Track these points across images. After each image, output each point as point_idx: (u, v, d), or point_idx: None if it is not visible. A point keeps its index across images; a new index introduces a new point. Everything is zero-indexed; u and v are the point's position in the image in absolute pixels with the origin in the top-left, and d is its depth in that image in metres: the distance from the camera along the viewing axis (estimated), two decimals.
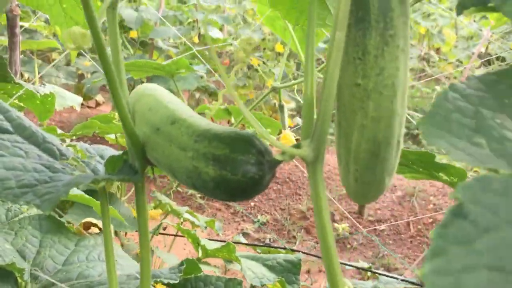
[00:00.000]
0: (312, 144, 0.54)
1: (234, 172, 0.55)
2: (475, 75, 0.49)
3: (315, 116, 0.57)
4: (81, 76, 5.69)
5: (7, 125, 0.73)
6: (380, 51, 0.53)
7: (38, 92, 1.21)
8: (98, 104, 6.17)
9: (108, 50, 0.63)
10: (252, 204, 4.69)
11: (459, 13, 0.51)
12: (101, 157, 0.80)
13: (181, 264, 0.90)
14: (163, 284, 0.86)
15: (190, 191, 4.56)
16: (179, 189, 4.54)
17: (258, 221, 4.37)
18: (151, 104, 0.67)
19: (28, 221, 1.07)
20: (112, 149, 0.84)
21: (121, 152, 0.72)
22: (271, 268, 1.36)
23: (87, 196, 1.13)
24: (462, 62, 7.19)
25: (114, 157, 0.70)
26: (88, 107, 6.07)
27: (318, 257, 2.29)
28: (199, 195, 4.55)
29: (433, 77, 6.29)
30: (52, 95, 1.30)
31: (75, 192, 1.13)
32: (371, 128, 0.56)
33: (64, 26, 1.02)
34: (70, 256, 1.01)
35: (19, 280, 0.91)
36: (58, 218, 1.18)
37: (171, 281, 0.86)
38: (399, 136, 0.59)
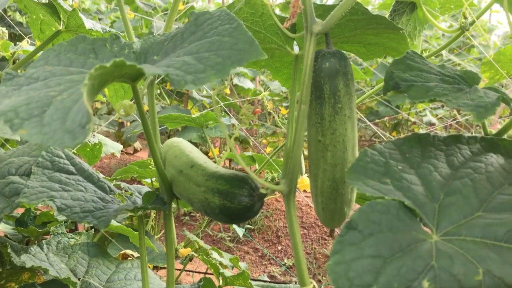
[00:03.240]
0: (287, 182, 0.77)
1: (232, 201, 0.79)
2: (391, 140, 0.71)
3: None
4: (121, 124, 6.11)
5: (72, 168, 0.98)
6: (333, 117, 0.76)
7: (89, 142, 1.49)
8: (136, 150, 6.56)
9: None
10: (279, 247, 4.83)
11: (384, 94, 0.74)
12: (139, 193, 1.05)
13: (200, 281, 1.13)
14: None
15: (220, 235, 4.77)
16: (209, 232, 4.76)
17: (284, 264, 4.51)
18: (177, 153, 0.92)
19: (79, 247, 1.32)
20: (147, 187, 1.09)
21: (154, 189, 0.97)
22: None
23: (125, 227, 1.37)
24: None
25: (149, 192, 0.95)
26: (127, 153, 6.44)
27: None
28: (228, 238, 4.75)
29: (463, 125, 6.42)
30: (100, 144, 1.57)
31: (116, 224, 1.37)
32: (330, 171, 0.79)
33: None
34: (111, 276, 1.25)
35: None
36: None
37: None
38: None
